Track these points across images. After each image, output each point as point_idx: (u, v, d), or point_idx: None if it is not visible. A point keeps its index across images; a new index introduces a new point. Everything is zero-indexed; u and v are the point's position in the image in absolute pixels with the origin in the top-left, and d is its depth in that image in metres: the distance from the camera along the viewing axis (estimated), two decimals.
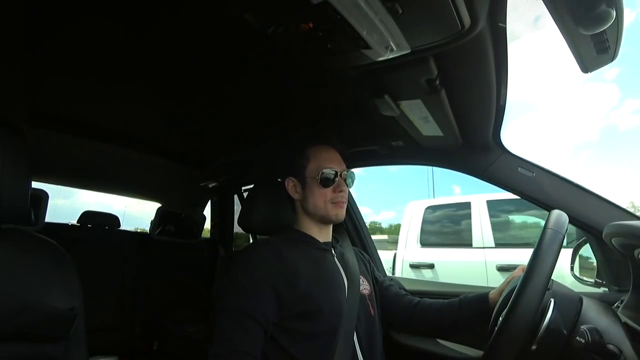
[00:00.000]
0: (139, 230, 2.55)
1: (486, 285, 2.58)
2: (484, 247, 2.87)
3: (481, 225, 2.97)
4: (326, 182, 0.90)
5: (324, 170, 0.90)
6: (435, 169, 1.19)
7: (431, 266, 3.09)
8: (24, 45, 0.78)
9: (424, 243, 3.27)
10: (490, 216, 2.97)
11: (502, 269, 2.67)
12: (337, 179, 0.91)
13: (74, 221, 1.86)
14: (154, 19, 0.74)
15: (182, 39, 0.80)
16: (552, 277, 0.62)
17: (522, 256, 2.42)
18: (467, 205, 3.13)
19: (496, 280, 2.70)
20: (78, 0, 0.69)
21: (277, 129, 1.25)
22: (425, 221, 3.34)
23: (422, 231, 3.31)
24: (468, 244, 2.99)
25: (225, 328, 0.75)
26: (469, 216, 3.07)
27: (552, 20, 0.54)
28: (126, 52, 0.86)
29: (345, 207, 0.94)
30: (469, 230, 3.02)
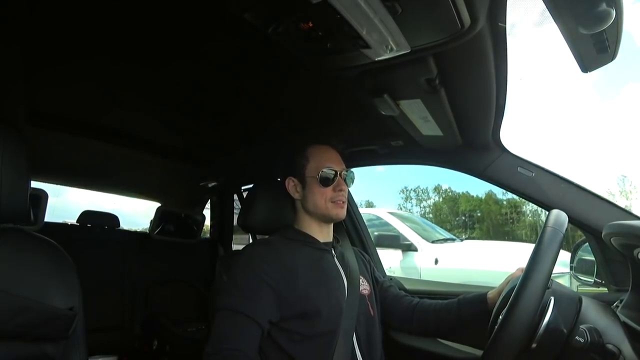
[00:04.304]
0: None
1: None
2: None
3: None
4: (326, 181, 0.90)
5: (324, 170, 0.90)
6: (431, 168, 1.19)
7: None
8: (24, 45, 0.78)
9: None
10: None
11: None
12: (336, 178, 0.91)
13: (72, 220, 1.86)
14: (154, 18, 0.74)
15: (181, 39, 0.79)
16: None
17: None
18: None
19: None
20: (78, 0, 0.69)
21: (276, 128, 1.25)
22: None
23: None
24: None
25: (221, 327, 0.75)
26: None
27: (552, 20, 0.54)
28: (126, 53, 0.86)
29: (346, 206, 0.94)
30: None
